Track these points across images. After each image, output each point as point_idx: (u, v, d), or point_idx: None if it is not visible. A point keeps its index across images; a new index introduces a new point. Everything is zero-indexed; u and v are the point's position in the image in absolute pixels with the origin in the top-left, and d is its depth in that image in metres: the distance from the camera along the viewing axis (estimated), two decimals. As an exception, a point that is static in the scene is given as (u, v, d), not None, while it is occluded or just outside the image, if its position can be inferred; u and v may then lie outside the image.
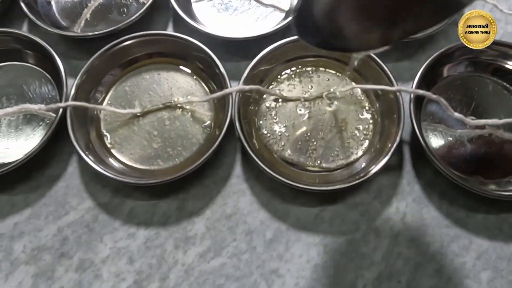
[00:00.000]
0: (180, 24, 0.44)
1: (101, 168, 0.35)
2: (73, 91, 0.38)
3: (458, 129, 0.38)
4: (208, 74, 0.40)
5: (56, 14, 0.44)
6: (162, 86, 0.40)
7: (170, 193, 0.37)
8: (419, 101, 0.39)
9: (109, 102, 0.40)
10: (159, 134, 0.38)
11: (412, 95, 0.37)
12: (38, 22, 0.41)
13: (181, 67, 0.41)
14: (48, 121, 0.39)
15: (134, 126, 0.39)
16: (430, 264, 0.35)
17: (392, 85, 0.37)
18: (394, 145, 0.35)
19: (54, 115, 0.37)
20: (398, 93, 0.37)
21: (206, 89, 0.40)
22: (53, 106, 0.37)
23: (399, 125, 0.36)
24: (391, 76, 0.37)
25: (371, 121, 0.39)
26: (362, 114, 0.39)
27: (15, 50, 0.42)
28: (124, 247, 0.36)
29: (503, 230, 0.35)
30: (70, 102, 0.37)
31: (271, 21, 0.43)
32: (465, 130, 0.38)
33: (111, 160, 0.37)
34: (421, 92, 0.36)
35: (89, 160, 0.35)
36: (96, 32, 0.40)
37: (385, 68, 0.38)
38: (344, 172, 0.37)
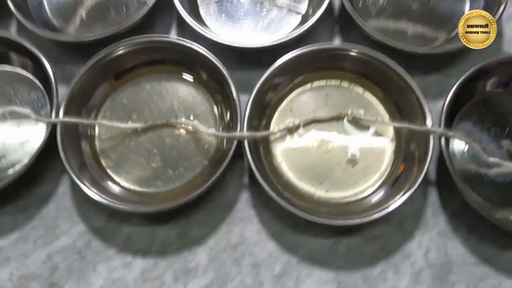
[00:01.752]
0: (184, 28, 0.39)
1: (95, 193, 0.32)
2: (63, 106, 0.34)
3: (492, 156, 0.34)
4: (214, 86, 0.36)
5: (49, 14, 0.40)
6: (163, 98, 0.36)
7: (170, 219, 0.34)
8: (452, 111, 0.34)
9: (107, 113, 0.36)
10: (159, 152, 0.35)
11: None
12: (27, 25, 0.37)
13: (184, 76, 0.37)
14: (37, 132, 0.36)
15: (131, 142, 0.35)
16: (455, 307, 0.32)
17: (419, 103, 0.33)
18: (421, 177, 0.31)
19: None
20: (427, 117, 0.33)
21: (212, 101, 0.36)
22: (43, 119, 0.34)
23: (427, 154, 0.32)
24: (419, 93, 0.33)
25: (394, 146, 0.35)
26: (384, 137, 0.35)
27: (2, 54, 0.38)
28: (119, 278, 0.32)
29: (536, 270, 0.32)
30: (61, 118, 0.33)
31: (285, 26, 0.39)
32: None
33: (107, 181, 0.34)
34: (450, 134, 0.32)
35: (82, 185, 0.32)
36: (91, 35, 0.36)
37: (411, 83, 0.34)
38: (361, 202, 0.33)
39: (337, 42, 0.40)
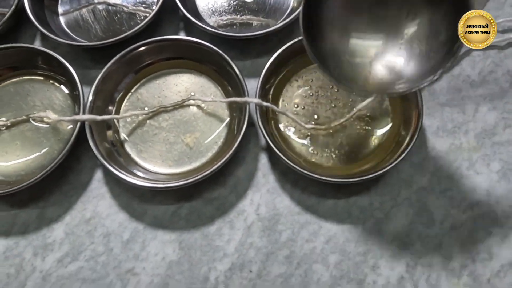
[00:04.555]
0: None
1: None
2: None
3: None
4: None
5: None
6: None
7: (30, 202, 0.38)
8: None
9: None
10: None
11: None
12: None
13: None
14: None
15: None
16: (280, 251, 0.36)
17: (239, 79, 0.38)
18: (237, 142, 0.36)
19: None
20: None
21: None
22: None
23: (242, 122, 0.37)
24: (238, 72, 0.38)
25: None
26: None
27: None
28: (-17, 258, 0.36)
29: (352, 213, 0.37)
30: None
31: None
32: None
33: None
34: (264, 103, 0.37)
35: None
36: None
37: (232, 65, 0.38)
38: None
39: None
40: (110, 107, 0.40)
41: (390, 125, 0.38)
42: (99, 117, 0.37)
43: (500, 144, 0.38)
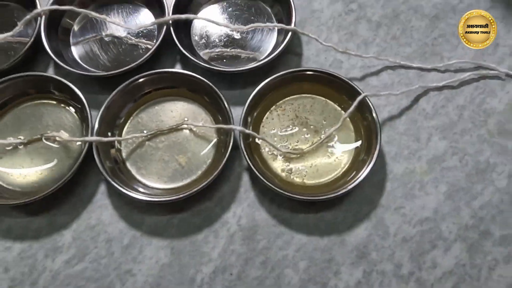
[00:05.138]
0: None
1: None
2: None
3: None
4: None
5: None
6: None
7: (42, 211, 0.44)
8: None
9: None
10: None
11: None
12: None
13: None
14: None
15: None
16: (257, 257, 0.42)
17: (225, 109, 0.44)
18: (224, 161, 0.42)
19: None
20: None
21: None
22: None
23: (227, 145, 0.43)
24: (225, 102, 0.44)
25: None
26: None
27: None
28: (1, 258, 0.42)
29: (319, 226, 0.43)
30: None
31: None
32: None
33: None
34: (247, 131, 0.44)
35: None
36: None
37: (221, 95, 0.45)
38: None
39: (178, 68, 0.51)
40: (114, 130, 0.46)
41: (354, 150, 0.45)
42: (104, 139, 0.43)
43: (448, 169, 0.44)
